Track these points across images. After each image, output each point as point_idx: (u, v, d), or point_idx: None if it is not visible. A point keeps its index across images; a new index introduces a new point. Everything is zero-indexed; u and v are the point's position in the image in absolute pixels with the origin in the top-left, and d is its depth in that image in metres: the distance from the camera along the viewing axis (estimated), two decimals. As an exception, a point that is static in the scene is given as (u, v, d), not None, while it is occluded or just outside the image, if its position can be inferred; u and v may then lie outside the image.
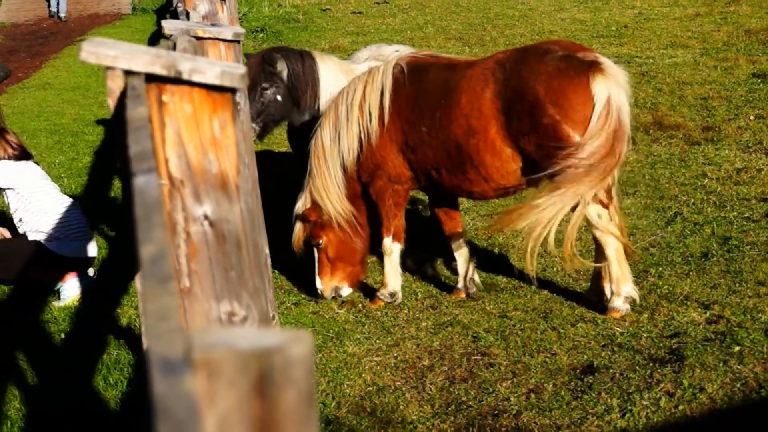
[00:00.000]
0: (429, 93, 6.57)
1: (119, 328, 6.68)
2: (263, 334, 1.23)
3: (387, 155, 6.75)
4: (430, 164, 6.63)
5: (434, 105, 6.52)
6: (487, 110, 6.31)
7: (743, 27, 14.97)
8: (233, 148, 2.74)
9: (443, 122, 6.47)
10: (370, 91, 6.71)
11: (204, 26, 5.13)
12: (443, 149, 6.51)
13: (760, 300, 6.29)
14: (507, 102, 6.24)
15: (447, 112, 6.45)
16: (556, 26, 16.97)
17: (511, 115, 6.23)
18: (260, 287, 2.95)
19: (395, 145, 6.71)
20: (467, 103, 6.37)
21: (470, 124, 6.36)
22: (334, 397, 5.64)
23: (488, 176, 6.43)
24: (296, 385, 1.25)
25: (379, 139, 6.72)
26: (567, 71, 6.12)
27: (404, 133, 6.66)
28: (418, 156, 6.66)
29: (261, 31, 19.01)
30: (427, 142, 6.57)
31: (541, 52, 6.29)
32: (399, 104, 6.67)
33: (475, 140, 6.36)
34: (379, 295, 6.99)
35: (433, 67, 6.68)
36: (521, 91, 6.19)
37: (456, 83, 6.46)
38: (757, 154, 9.30)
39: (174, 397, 1.04)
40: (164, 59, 2.47)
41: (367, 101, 6.70)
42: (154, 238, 1.49)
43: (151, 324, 1.22)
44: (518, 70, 6.24)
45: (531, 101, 6.14)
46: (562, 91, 6.09)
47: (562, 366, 5.75)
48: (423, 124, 6.57)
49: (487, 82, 6.34)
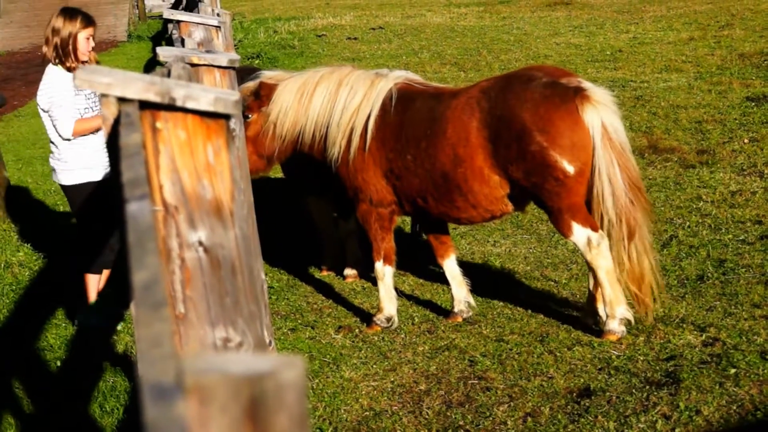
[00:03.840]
0: (415, 122, 6.60)
1: (116, 355, 6.67)
2: (255, 359, 1.23)
3: (369, 179, 6.77)
4: (416, 192, 6.65)
5: (420, 134, 6.56)
6: (474, 139, 6.34)
7: (737, 51, 15.04)
8: (228, 174, 2.75)
9: (429, 152, 6.51)
10: (365, 105, 6.74)
11: (199, 53, 5.16)
12: (429, 178, 6.54)
13: (755, 322, 6.29)
14: (494, 130, 6.28)
15: (433, 141, 6.49)
16: (551, 51, 17.04)
17: (498, 143, 6.26)
18: (256, 313, 2.95)
19: (379, 170, 6.73)
20: (453, 133, 6.41)
21: (457, 153, 6.40)
22: (331, 422, 5.63)
23: (477, 203, 6.47)
24: (289, 410, 1.25)
25: (361, 162, 6.74)
26: (553, 98, 6.17)
27: (389, 160, 6.68)
28: (403, 183, 6.68)
29: (257, 57, 19.07)
30: (413, 171, 6.60)
31: (525, 79, 6.33)
32: (384, 131, 6.69)
33: (462, 169, 6.39)
34: (375, 320, 6.99)
35: (420, 96, 6.71)
36: (508, 119, 6.23)
37: (441, 113, 6.49)
38: (751, 177, 9.32)
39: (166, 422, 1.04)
40: (158, 86, 2.48)
41: (358, 114, 6.74)
42: (147, 264, 1.50)
43: (144, 350, 1.22)
44: (504, 98, 6.28)
45: (518, 129, 6.18)
46: (548, 118, 6.14)
47: (559, 389, 5.75)
48: (408, 152, 6.60)
49: (473, 111, 6.37)
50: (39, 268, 8.58)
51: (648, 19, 19.75)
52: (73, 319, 7.29)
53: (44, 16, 26.83)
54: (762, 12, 18.86)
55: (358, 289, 7.92)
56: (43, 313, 7.48)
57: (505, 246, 8.42)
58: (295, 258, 8.59)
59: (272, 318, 6.58)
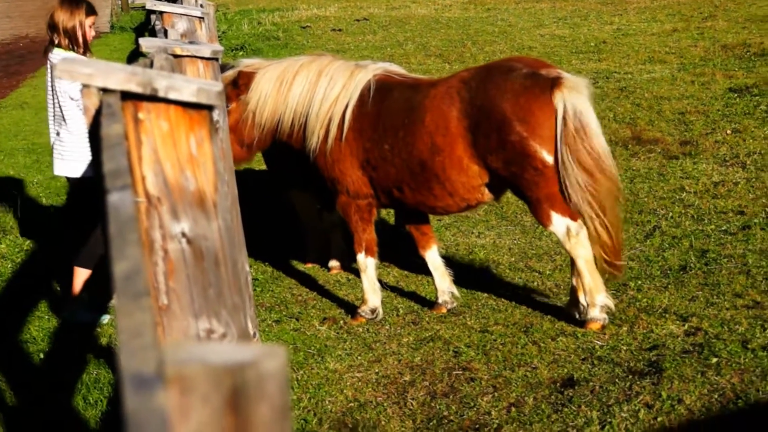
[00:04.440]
0: (392, 112, 6.60)
1: (99, 347, 6.66)
2: (236, 349, 1.23)
3: (346, 170, 6.77)
4: (392, 182, 6.66)
5: (398, 123, 6.56)
6: (453, 128, 6.35)
7: (720, 42, 15.08)
8: (211, 165, 2.74)
9: (407, 140, 6.51)
10: (344, 96, 6.73)
11: (182, 44, 5.14)
12: (406, 167, 6.54)
13: (737, 312, 6.33)
14: (474, 120, 6.29)
15: (411, 130, 6.49)
16: (536, 42, 17.05)
17: (478, 132, 6.28)
18: (239, 304, 2.95)
19: (356, 161, 6.73)
20: (432, 122, 6.41)
21: (435, 141, 6.40)
22: (316, 413, 5.63)
23: (454, 192, 6.48)
24: (270, 399, 1.25)
25: (338, 152, 6.74)
26: (533, 88, 6.18)
27: (366, 151, 6.68)
28: (379, 174, 6.68)
29: (240, 49, 19.02)
30: (390, 160, 6.60)
31: (505, 70, 6.34)
32: (361, 122, 6.69)
33: (440, 158, 6.40)
34: (360, 311, 6.99)
35: (398, 86, 6.71)
36: (488, 110, 6.24)
37: (420, 102, 6.50)
38: (733, 168, 9.36)
39: (146, 413, 1.04)
40: (140, 77, 2.48)
41: (336, 104, 6.73)
42: (128, 255, 1.49)
43: (125, 340, 1.22)
44: (484, 89, 6.29)
45: (498, 119, 6.20)
46: (528, 108, 6.16)
47: (543, 379, 5.77)
48: (386, 142, 6.60)
49: (452, 101, 6.38)
50: (21, 260, 8.55)
51: (632, 10, 19.79)
52: (58, 312, 7.27)
53: (26, 7, 26.64)
54: (744, 3, 18.92)
55: (342, 280, 7.93)
56: (25, 306, 7.46)
57: (490, 237, 8.43)
58: (279, 250, 8.58)
59: (257, 310, 6.57)
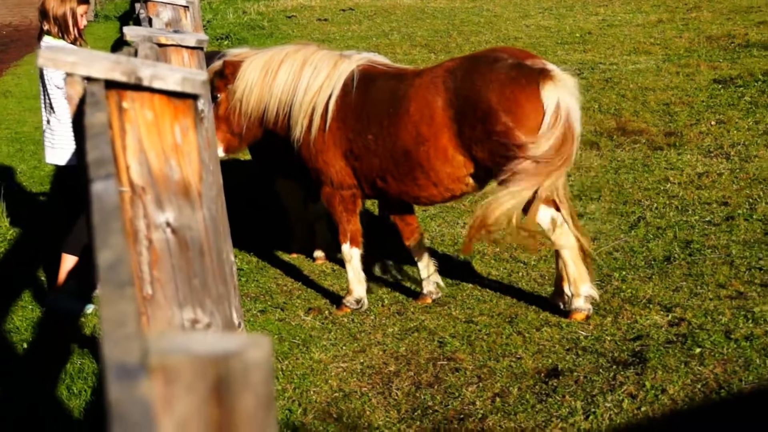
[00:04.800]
0: (376, 102, 6.59)
1: (84, 337, 6.64)
2: (221, 339, 1.23)
3: (329, 160, 6.76)
4: (376, 172, 6.65)
5: (382, 113, 6.55)
6: (438, 118, 6.34)
7: (704, 33, 15.12)
8: (195, 154, 2.73)
9: (391, 130, 6.50)
10: (327, 86, 6.72)
11: (167, 33, 5.12)
12: (390, 157, 6.53)
13: (720, 302, 6.35)
14: (459, 110, 6.28)
15: (395, 120, 6.48)
16: (521, 33, 17.06)
17: (464, 122, 6.27)
18: (224, 294, 2.94)
19: (339, 151, 6.73)
20: (417, 111, 6.40)
21: (420, 131, 6.39)
22: (301, 403, 5.63)
23: (438, 181, 6.48)
24: (254, 390, 1.25)
25: (322, 143, 6.74)
26: (519, 79, 6.18)
27: (349, 141, 6.67)
28: (363, 164, 6.67)
29: (226, 38, 18.96)
30: (374, 150, 6.59)
31: (490, 60, 6.34)
32: (345, 112, 6.68)
33: (425, 147, 6.39)
34: (345, 302, 6.99)
35: (382, 76, 6.70)
36: (474, 100, 6.23)
37: (404, 92, 6.49)
38: (717, 159, 9.39)
39: (129, 403, 1.04)
40: (124, 65, 2.47)
41: (320, 94, 6.72)
42: (112, 244, 1.49)
43: (109, 329, 1.22)
44: (470, 79, 6.28)
45: (484, 109, 6.19)
46: (514, 99, 6.16)
47: (527, 370, 5.78)
48: (369, 132, 6.59)
49: (437, 91, 6.37)
50: (5, 249, 8.51)
51: (617, 1, 19.81)
52: (42, 302, 7.24)
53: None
54: (730, -5, 18.95)
55: (327, 271, 7.93)
56: (9, 295, 7.43)
57: (474, 227, 8.43)
58: (264, 240, 8.57)
59: (241, 300, 6.57)
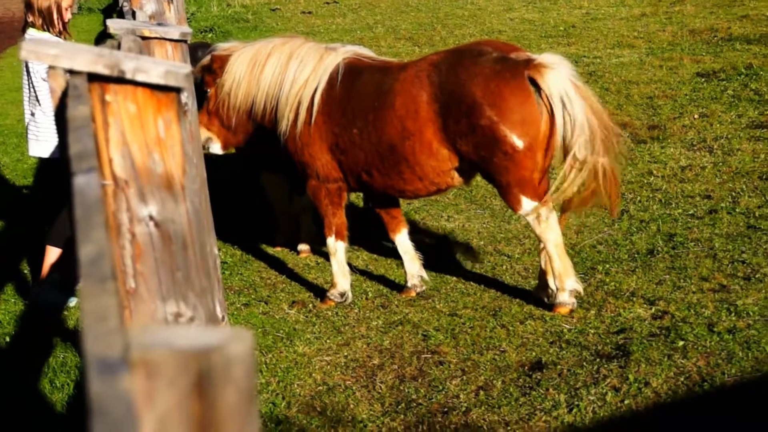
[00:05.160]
0: (362, 96, 6.59)
1: (66, 331, 6.62)
2: (203, 333, 1.23)
3: (315, 154, 6.76)
4: (361, 166, 6.65)
5: (367, 107, 6.54)
6: (423, 112, 6.34)
7: (687, 27, 15.15)
8: (179, 148, 2.73)
9: (377, 124, 6.50)
10: (313, 79, 6.71)
11: (150, 26, 5.10)
12: (376, 151, 6.53)
13: (703, 295, 6.38)
14: (444, 104, 6.28)
15: (381, 114, 6.48)
16: (505, 26, 17.06)
17: (448, 116, 6.27)
18: (207, 288, 2.94)
19: (325, 145, 6.72)
20: (402, 106, 6.40)
21: (405, 126, 6.39)
22: (284, 396, 5.63)
23: (423, 175, 6.48)
24: (236, 384, 1.25)
25: (307, 136, 6.73)
26: (503, 72, 6.18)
27: (335, 135, 6.67)
28: (348, 158, 6.67)
29: (210, 31, 18.91)
30: (359, 144, 6.59)
31: (475, 54, 6.33)
32: (331, 106, 6.67)
33: (410, 142, 6.39)
34: (329, 295, 6.99)
35: (367, 69, 6.69)
36: (458, 94, 6.23)
37: (390, 86, 6.48)
38: (701, 152, 9.42)
39: (111, 398, 1.03)
40: (107, 58, 2.46)
41: (306, 88, 6.71)
42: (94, 238, 1.48)
43: (90, 324, 1.21)
44: (454, 73, 6.28)
45: (468, 103, 6.19)
46: (499, 93, 6.15)
47: (511, 363, 5.79)
48: (355, 126, 6.59)
49: (422, 85, 6.37)
50: (-12, 243, 8.48)
51: (601, -6, 19.80)
52: (25, 296, 7.21)
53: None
54: (713, -12, 18.97)
55: (311, 264, 7.92)
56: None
57: (459, 221, 8.45)
58: (248, 233, 8.56)
59: (225, 293, 6.56)
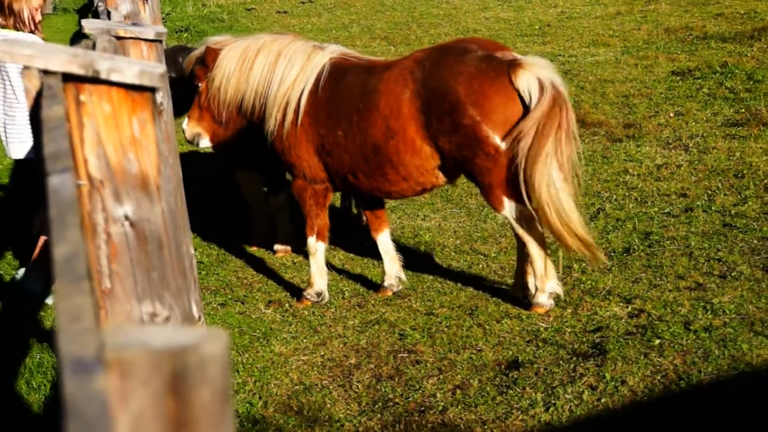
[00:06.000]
0: (346, 97, 6.57)
1: (43, 331, 6.59)
2: (177, 333, 1.22)
3: (302, 155, 6.75)
4: (347, 168, 6.64)
5: (352, 108, 6.53)
6: (406, 110, 6.33)
7: (662, 25, 15.22)
8: (154, 147, 2.72)
9: (361, 125, 6.48)
10: (301, 79, 6.70)
11: (125, 26, 5.08)
12: (360, 153, 6.52)
13: (679, 294, 6.41)
14: (426, 102, 6.26)
15: (365, 115, 6.46)
16: (481, 25, 17.09)
17: (431, 114, 6.26)
18: (183, 287, 2.94)
19: (312, 146, 6.71)
20: (386, 106, 6.38)
21: (389, 125, 6.38)
22: (261, 396, 5.62)
23: (408, 175, 6.46)
24: (211, 383, 1.25)
25: (295, 137, 6.72)
26: (488, 72, 6.16)
27: (321, 137, 6.66)
28: (334, 160, 6.66)
29: (185, 30, 18.85)
30: (344, 146, 6.57)
31: (460, 52, 6.31)
32: (317, 107, 6.66)
33: (394, 141, 6.38)
34: (305, 294, 6.98)
35: (352, 70, 6.68)
36: (441, 92, 6.21)
37: (374, 86, 6.46)
38: (676, 151, 9.47)
39: (85, 398, 1.03)
40: (81, 58, 2.45)
41: (293, 88, 6.70)
42: (69, 238, 1.48)
43: (64, 324, 1.21)
44: (438, 70, 6.26)
45: (452, 102, 6.17)
46: (482, 92, 6.13)
47: (488, 362, 5.81)
48: (339, 128, 6.57)
49: (406, 83, 6.35)
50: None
51: (576, -6, 19.87)
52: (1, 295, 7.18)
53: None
54: (688, -12, 19.08)
55: (288, 263, 7.91)
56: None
57: (435, 220, 8.46)
58: (225, 233, 8.54)
59: (202, 293, 6.54)
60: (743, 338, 5.69)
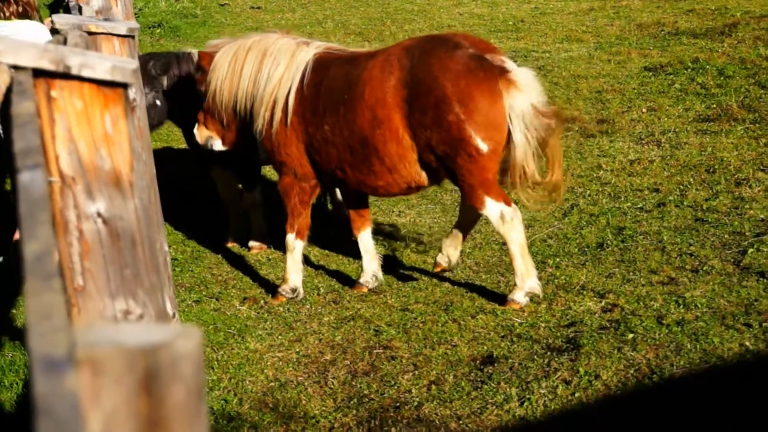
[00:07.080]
0: (331, 90, 6.55)
1: (15, 329, 6.54)
2: (150, 330, 1.21)
3: (292, 153, 6.74)
4: (334, 164, 6.62)
5: (337, 101, 6.50)
6: (390, 99, 6.30)
7: (635, 21, 15.28)
8: (126, 144, 2.70)
9: (348, 117, 6.45)
10: (287, 77, 6.68)
11: (97, 21, 5.05)
12: (347, 146, 6.50)
13: (652, 288, 6.44)
14: (411, 91, 6.25)
15: (351, 105, 6.43)
16: (455, 21, 17.10)
17: (414, 105, 6.25)
18: (157, 284, 2.92)
19: (302, 144, 6.70)
20: (371, 95, 6.35)
21: (375, 114, 6.35)
22: (236, 393, 5.61)
23: (393, 167, 6.44)
24: (185, 381, 1.24)
25: (284, 136, 6.70)
26: (477, 72, 6.15)
27: (308, 134, 6.65)
28: (322, 156, 6.65)
29: (158, 26, 18.75)
30: (331, 141, 6.56)
31: (450, 46, 6.29)
32: (303, 104, 6.64)
33: (381, 131, 6.36)
34: (280, 290, 6.97)
35: (335, 62, 6.66)
36: (428, 84, 6.20)
37: (358, 76, 6.44)
38: (649, 146, 9.51)
39: (56, 397, 1.02)
40: (52, 54, 2.43)
41: (280, 87, 6.68)
42: (39, 235, 1.46)
43: (34, 322, 1.20)
44: (427, 62, 6.24)
45: (438, 96, 6.17)
46: (469, 92, 6.13)
47: (463, 357, 5.81)
48: (326, 122, 6.55)
49: (392, 70, 6.33)
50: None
51: (550, -10, 19.91)
52: None
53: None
54: (660, -16, 19.16)
55: (263, 260, 7.89)
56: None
57: (410, 216, 8.46)
58: (199, 229, 8.51)
59: (176, 290, 6.51)
60: (715, 332, 5.73)
